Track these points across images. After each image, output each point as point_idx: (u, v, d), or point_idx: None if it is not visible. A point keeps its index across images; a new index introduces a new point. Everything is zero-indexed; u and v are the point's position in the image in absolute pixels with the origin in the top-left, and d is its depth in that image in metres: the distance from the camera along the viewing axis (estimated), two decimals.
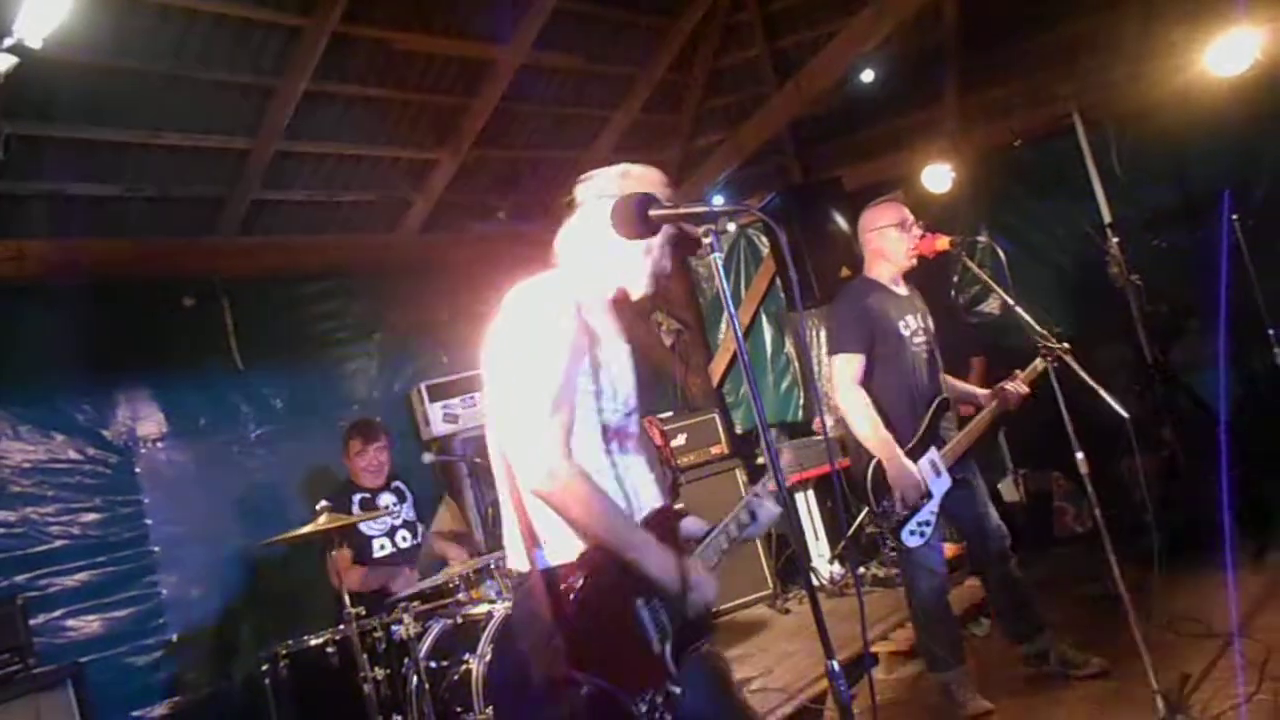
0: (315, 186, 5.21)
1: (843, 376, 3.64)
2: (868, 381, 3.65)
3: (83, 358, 4.47)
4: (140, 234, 4.65)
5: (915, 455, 3.60)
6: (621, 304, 2.17)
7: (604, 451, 2.02)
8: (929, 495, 3.57)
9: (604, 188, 2.10)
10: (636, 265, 2.14)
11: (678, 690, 1.93)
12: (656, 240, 2.09)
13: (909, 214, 3.81)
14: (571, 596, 1.86)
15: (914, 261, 3.80)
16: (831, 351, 3.74)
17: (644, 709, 1.86)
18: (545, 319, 1.95)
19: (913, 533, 3.58)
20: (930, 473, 3.59)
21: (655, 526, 2.04)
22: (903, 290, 3.86)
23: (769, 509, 2.28)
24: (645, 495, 2.07)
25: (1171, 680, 3.40)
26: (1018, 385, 3.68)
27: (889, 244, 3.80)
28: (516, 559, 2.04)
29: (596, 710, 1.81)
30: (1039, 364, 3.56)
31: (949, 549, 3.75)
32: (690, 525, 2.20)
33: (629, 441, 2.09)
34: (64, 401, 4.43)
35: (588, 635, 1.84)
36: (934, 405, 3.67)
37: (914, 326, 3.74)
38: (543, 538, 1.94)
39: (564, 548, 1.94)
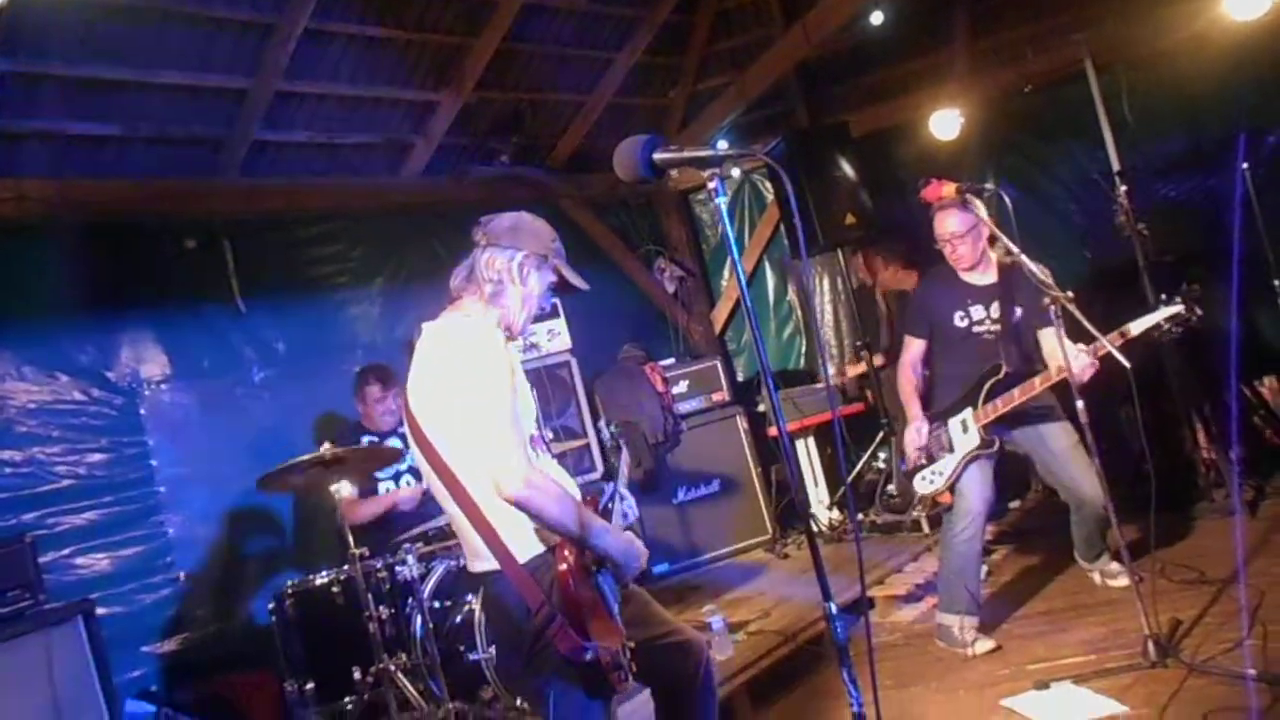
0: (316, 128, 5.15)
1: (903, 353, 4.19)
2: (931, 359, 4.13)
3: (85, 299, 4.47)
4: (140, 175, 4.61)
5: (949, 415, 3.96)
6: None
7: (534, 459, 2.29)
8: (952, 449, 3.92)
9: (498, 238, 2.38)
10: (523, 309, 2.41)
11: (632, 643, 2.32)
12: (538, 290, 2.41)
13: (949, 228, 3.91)
14: (563, 582, 2.18)
15: (966, 265, 3.98)
16: (899, 332, 4.30)
17: (624, 660, 2.25)
18: (493, 351, 2.24)
19: (924, 479, 3.98)
20: (958, 429, 3.92)
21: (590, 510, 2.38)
22: (981, 279, 4.01)
23: (631, 509, 2.68)
24: (571, 487, 2.36)
25: (1163, 624, 3.46)
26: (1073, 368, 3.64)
27: (944, 253, 4.04)
28: (478, 562, 2.32)
29: (597, 669, 2.19)
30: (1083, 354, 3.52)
31: (945, 497, 3.94)
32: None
33: (539, 446, 2.39)
34: (67, 342, 4.43)
35: (579, 610, 2.18)
36: (983, 373, 3.89)
37: (978, 316, 3.98)
38: (507, 540, 2.22)
39: (528, 544, 2.24)
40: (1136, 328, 3.49)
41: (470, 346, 2.25)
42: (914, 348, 4.13)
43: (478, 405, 2.17)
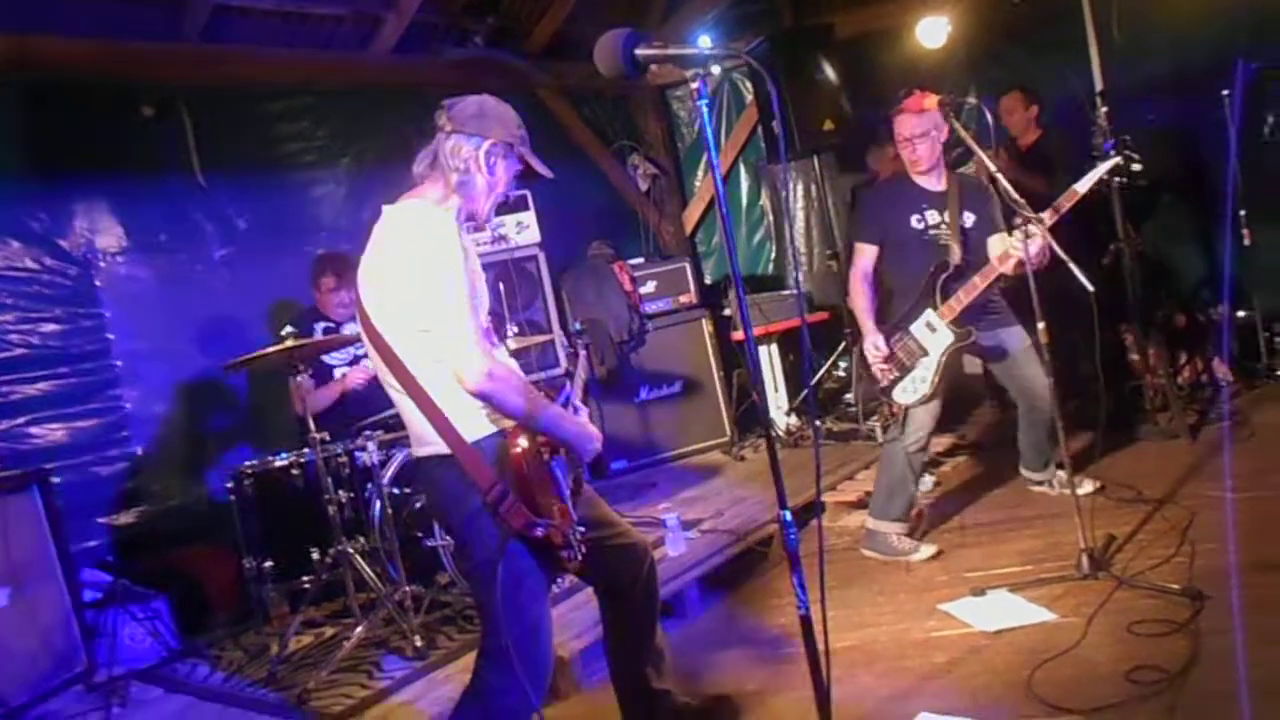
0: None
1: (853, 263, 4.10)
2: (882, 266, 4.06)
3: (38, 163, 4.33)
4: (96, 35, 4.39)
5: (910, 319, 3.92)
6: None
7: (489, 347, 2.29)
8: (925, 352, 3.88)
9: (463, 124, 2.32)
10: (488, 197, 2.37)
11: (586, 529, 2.37)
12: (504, 179, 2.38)
13: (916, 128, 3.90)
14: (517, 463, 2.20)
15: (923, 169, 3.97)
16: (849, 239, 4.17)
17: (574, 540, 2.30)
18: (446, 240, 2.19)
19: (904, 390, 3.93)
20: (924, 331, 3.89)
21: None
22: (935, 186, 4.01)
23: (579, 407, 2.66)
24: (520, 373, 2.35)
25: (1098, 540, 3.60)
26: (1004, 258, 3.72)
27: (901, 154, 4.04)
28: (423, 448, 2.32)
29: (549, 547, 2.26)
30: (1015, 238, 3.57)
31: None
32: None
33: (493, 336, 2.39)
34: (19, 207, 4.29)
35: (531, 489, 2.21)
36: (931, 273, 3.87)
37: (933, 220, 3.97)
38: (456, 421, 2.22)
39: (479, 426, 2.26)
40: (1083, 186, 3.55)
41: (426, 236, 2.21)
42: (866, 254, 4.06)
43: (434, 296, 2.16)
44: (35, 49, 4.19)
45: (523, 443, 2.22)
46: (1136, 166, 3.53)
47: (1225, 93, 4.94)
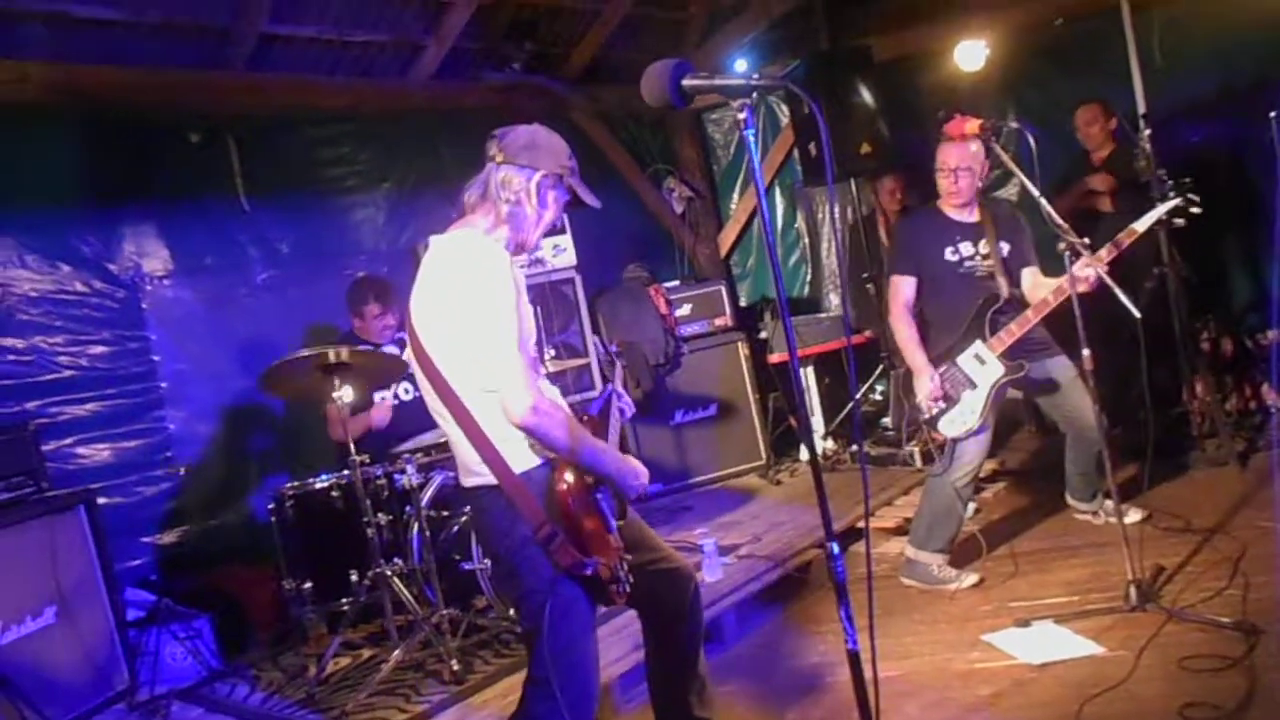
0: (325, 23, 5.00)
1: (892, 296, 4.08)
2: (920, 300, 4.03)
3: (88, 188, 4.42)
4: (144, 64, 4.49)
5: (957, 351, 3.89)
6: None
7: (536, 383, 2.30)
8: (973, 385, 3.85)
9: (515, 155, 2.32)
10: (535, 225, 2.36)
11: (630, 556, 2.38)
12: (553, 210, 2.38)
13: (963, 159, 3.90)
14: (563, 500, 2.21)
15: (961, 201, 3.97)
16: (887, 274, 4.19)
17: (623, 574, 2.32)
18: (500, 273, 2.20)
19: (950, 422, 3.88)
20: (973, 364, 3.86)
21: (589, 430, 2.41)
22: (967, 217, 4.00)
23: (628, 404, 2.79)
24: (564, 405, 2.39)
25: (1146, 570, 3.53)
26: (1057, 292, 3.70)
27: (939, 184, 4.02)
28: (470, 477, 2.33)
29: (598, 583, 2.27)
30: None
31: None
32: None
33: (539, 368, 2.43)
34: (70, 232, 4.39)
35: (579, 527, 2.22)
36: (979, 305, 3.85)
37: (967, 252, 3.96)
38: (504, 452, 2.23)
39: (525, 457, 2.26)
40: (1142, 225, 3.54)
41: (478, 267, 2.22)
42: (905, 288, 4.03)
43: (485, 329, 2.17)
44: (86, 79, 4.29)
45: (569, 479, 2.23)
46: (1196, 210, 3.49)
47: (1273, 114, 4.85)
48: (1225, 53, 5.38)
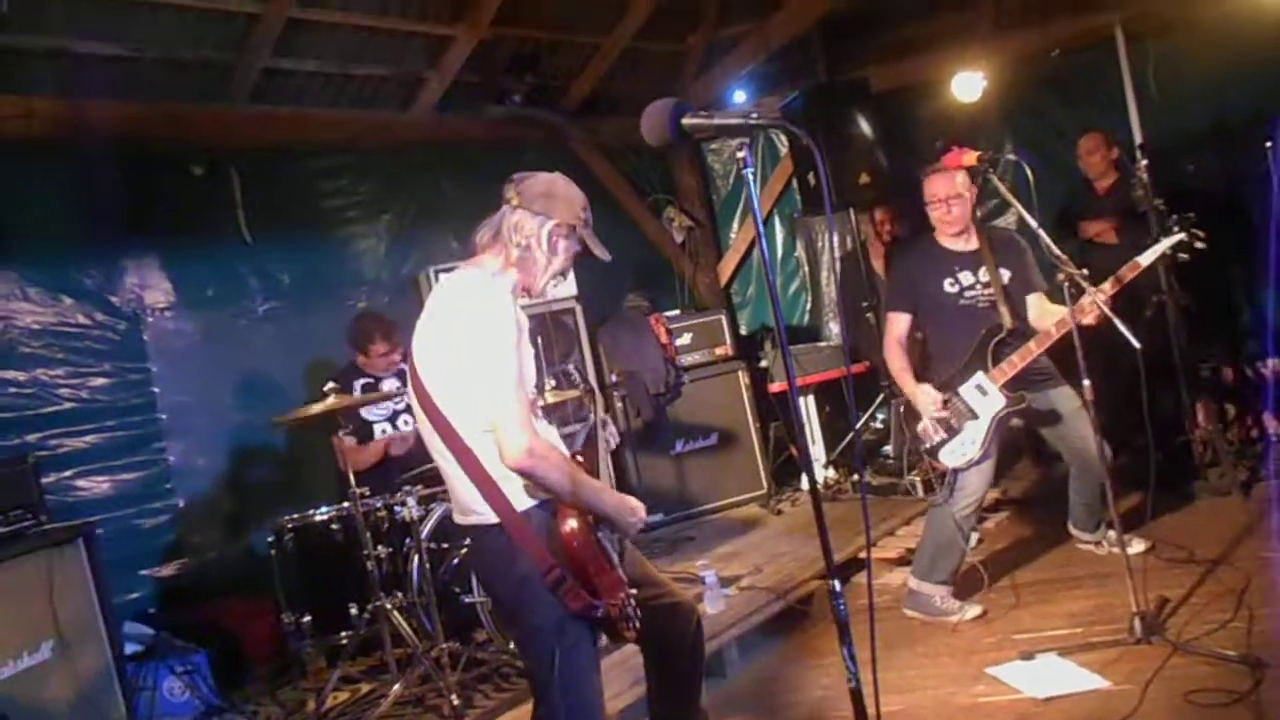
0: (327, 58, 5.06)
1: (887, 330, 4.06)
2: (922, 331, 4.04)
3: (90, 222, 4.43)
4: (148, 98, 4.53)
5: (959, 381, 3.84)
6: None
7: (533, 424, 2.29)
8: (974, 415, 3.81)
9: (531, 201, 2.34)
10: (543, 271, 2.38)
11: (635, 591, 2.36)
12: (563, 259, 2.40)
13: (952, 189, 3.89)
14: (568, 543, 2.20)
15: (956, 229, 3.96)
16: (885, 309, 4.18)
17: (631, 611, 2.32)
18: (504, 314, 2.22)
19: (951, 452, 3.84)
20: (974, 394, 3.82)
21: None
22: (965, 245, 3.99)
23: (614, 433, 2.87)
24: (561, 446, 2.36)
25: (1151, 602, 3.50)
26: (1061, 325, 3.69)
27: (932, 216, 3.99)
28: (468, 516, 2.31)
29: (609, 622, 2.27)
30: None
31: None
32: None
33: (536, 409, 2.40)
34: (72, 265, 4.41)
35: (586, 570, 2.21)
36: (981, 336, 3.83)
37: (968, 282, 3.94)
38: (505, 490, 2.23)
39: (522, 497, 2.25)
40: (1146, 259, 3.56)
41: (482, 308, 2.23)
42: (900, 324, 4.02)
43: (486, 371, 2.18)
44: (89, 113, 4.33)
45: (572, 523, 2.22)
46: (1200, 245, 3.52)
47: (1269, 144, 4.89)
48: (1219, 85, 5.42)
